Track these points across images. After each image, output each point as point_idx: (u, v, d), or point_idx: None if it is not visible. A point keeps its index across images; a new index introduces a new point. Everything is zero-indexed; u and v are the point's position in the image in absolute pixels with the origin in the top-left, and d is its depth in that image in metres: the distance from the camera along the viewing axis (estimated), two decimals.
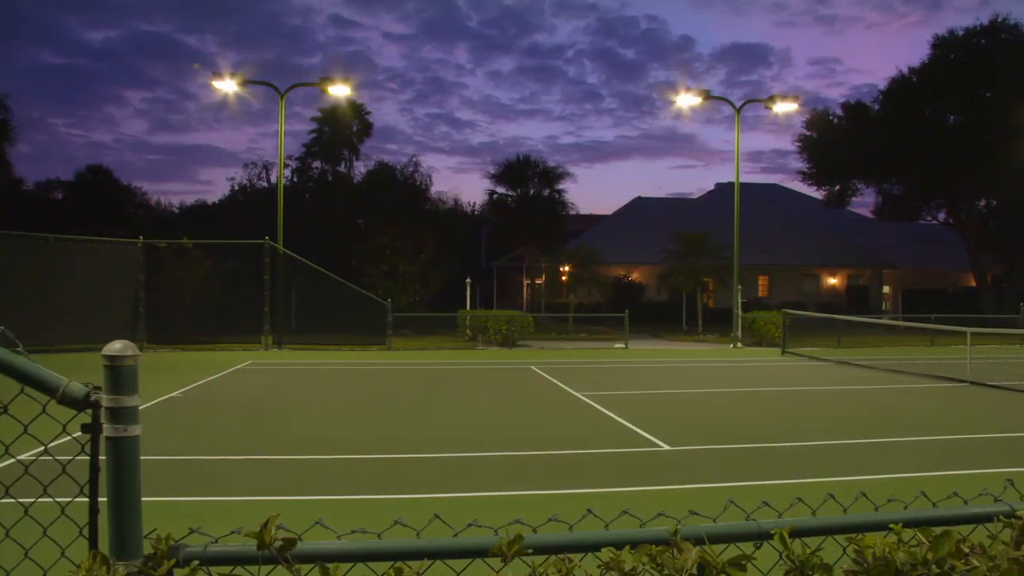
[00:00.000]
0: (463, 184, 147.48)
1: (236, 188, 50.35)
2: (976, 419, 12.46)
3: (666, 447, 9.74)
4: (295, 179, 48.95)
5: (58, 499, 2.00)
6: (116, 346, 1.78)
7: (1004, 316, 32.43)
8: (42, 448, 2.00)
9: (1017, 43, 40.25)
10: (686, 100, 30.06)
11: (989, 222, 47.77)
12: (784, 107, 29.68)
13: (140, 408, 1.80)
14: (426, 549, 1.87)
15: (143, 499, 1.83)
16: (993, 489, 2.43)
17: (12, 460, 2.21)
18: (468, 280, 34.44)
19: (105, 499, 1.79)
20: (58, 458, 1.96)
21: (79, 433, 1.86)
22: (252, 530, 1.74)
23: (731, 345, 28.44)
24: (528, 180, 49.37)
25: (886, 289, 54.22)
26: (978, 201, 46.11)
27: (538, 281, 49.12)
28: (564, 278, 40.66)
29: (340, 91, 28.04)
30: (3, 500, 2.02)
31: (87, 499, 1.83)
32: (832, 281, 52.80)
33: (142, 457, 1.83)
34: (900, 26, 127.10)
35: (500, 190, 50.18)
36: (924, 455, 9.54)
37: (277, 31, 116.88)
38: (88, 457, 1.82)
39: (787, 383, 17.30)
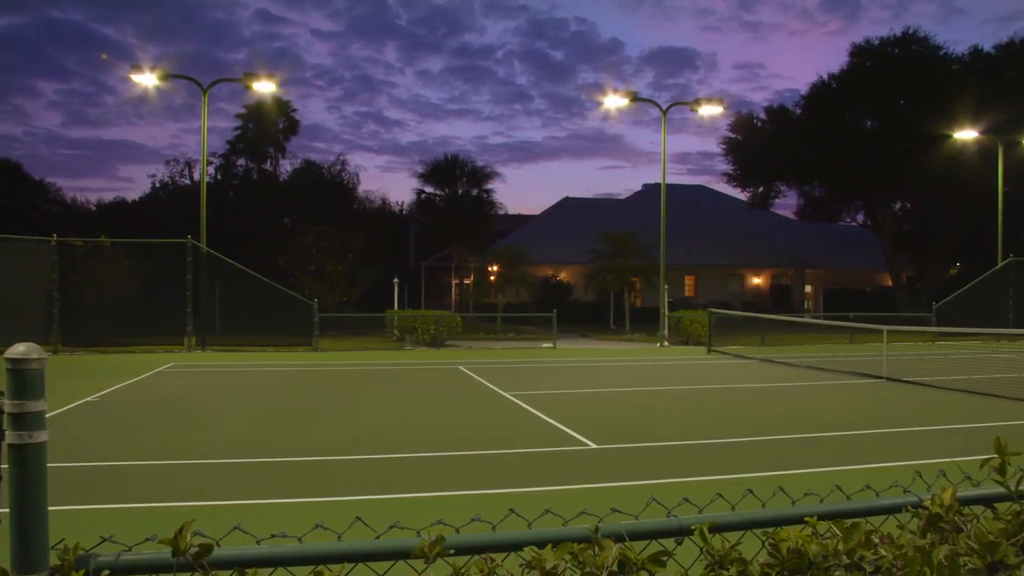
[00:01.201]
0: (392, 183, 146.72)
1: (157, 185, 49.04)
2: (891, 414, 12.89)
3: (593, 446, 9.82)
4: (219, 177, 47.91)
5: None
6: (20, 349, 1.71)
7: (918, 315, 33.64)
8: None
9: (927, 54, 41.90)
10: (614, 102, 30.38)
11: (904, 224, 49.60)
12: (709, 110, 30.24)
13: (52, 414, 1.74)
14: (347, 552, 1.84)
15: (53, 508, 1.76)
16: (904, 481, 2.51)
17: None
18: (396, 280, 34.19)
19: (7, 510, 1.71)
20: None
21: None
22: (167, 537, 1.69)
23: (658, 344, 28.86)
24: (457, 180, 49.38)
25: (808, 289, 55.74)
26: (893, 204, 47.83)
27: (466, 281, 49.07)
28: (492, 278, 40.70)
29: (265, 87, 27.51)
30: None
31: None
32: (756, 281, 54.04)
33: (54, 464, 1.76)
34: (820, 34, 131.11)
35: (428, 189, 50.10)
36: (842, 449, 9.83)
37: (201, 24, 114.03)
38: None
39: (712, 381, 17.63)
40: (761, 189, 48.54)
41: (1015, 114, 36.67)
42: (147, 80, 25.88)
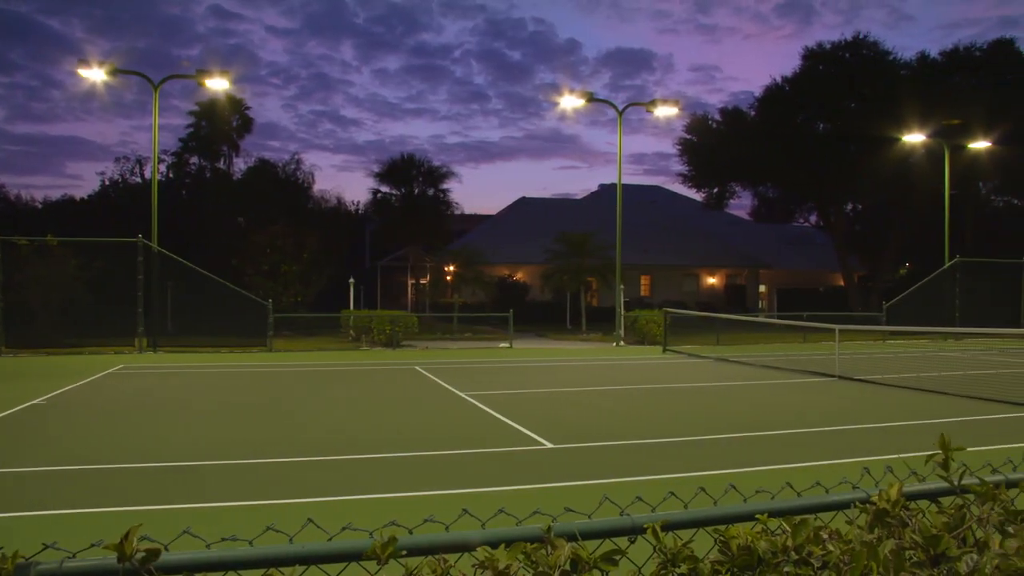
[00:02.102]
0: (348, 183, 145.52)
1: (107, 183, 48.07)
2: (842, 412, 13.12)
3: (548, 445, 9.85)
4: (171, 175, 47.13)
5: None
6: None
7: (869, 314, 34.29)
8: None
9: (876, 59, 42.77)
10: (570, 102, 30.49)
11: (855, 225, 50.58)
12: (665, 111, 30.49)
13: None
14: (298, 554, 1.82)
15: None
16: (852, 477, 2.55)
17: None
18: (352, 280, 33.98)
19: None
20: None
21: None
22: (112, 542, 1.66)
23: (614, 344, 29.03)
24: (413, 179, 49.19)
25: (762, 288, 56.50)
26: (845, 205, 48.72)
27: (422, 281, 48.93)
28: (449, 278, 40.61)
29: (218, 84, 27.07)
30: None
31: None
32: (711, 281, 54.63)
33: None
34: (775, 38, 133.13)
35: (385, 189, 49.84)
36: (793, 447, 9.98)
37: (152, 19, 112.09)
38: None
39: (668, 380, 17.79)
40: (716, 190, 49.11)
41: (960, 118, 37.60)
42: (95, 75, 25.25)
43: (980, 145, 36.85)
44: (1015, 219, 48.75)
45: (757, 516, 2.01)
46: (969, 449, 2.32)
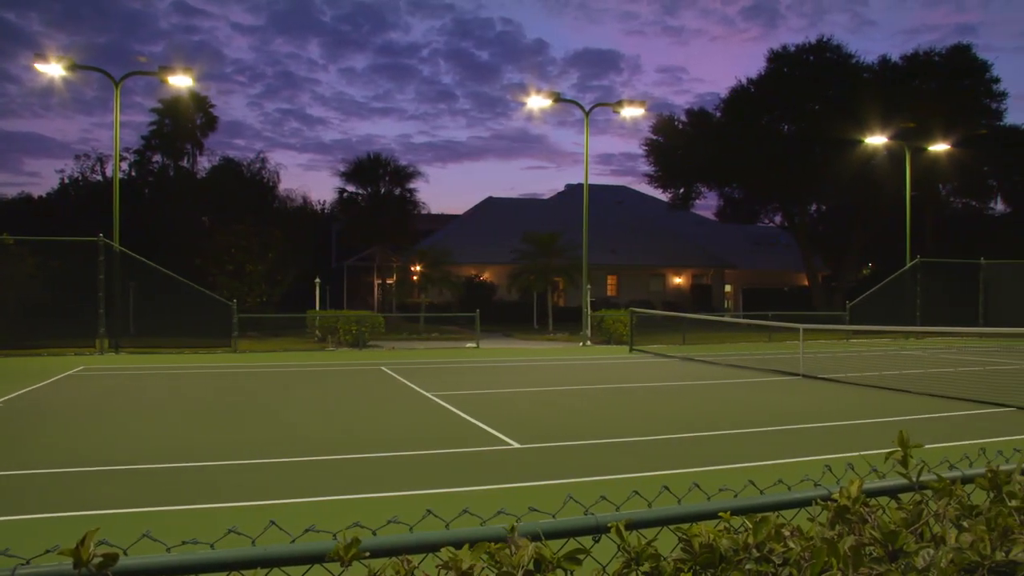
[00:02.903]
0: (314, 182, 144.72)
1: (67, 181, 47.17)
2: (806, 410, 13.28)
3: (515, 445, 9.85)
4: (133, 173, 46.39)
5: None
6: None
7: (833, 313, 34.70)
8: None
9: (839, 62, 43.35)
10: (538, 102, 30.53)
11: (819, 226, 51.21)
12: (631, 111, 30.63)
13: None
14: (260, 557, 1.80)
15: None
16: (815, 475, 2.58)
17: None
18: (317, 280, 33.75)
19: None
20: None
21: None
22: (68, 548, 1.62)
23: (581, 343, 29.12)
24: (380, 179, 48.90)
25: (728, 288, 56.98)
26: (809, 206, 49.28)
27: (389, 281, 48.70)
28: (415, 278, 40.48)
29: (182, 82, 26.70)
30: None
31: None
32: (677, 280, 54.97)
33: None
34: (741, 40, 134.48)
35: (351, 188, 49.52)
36: (758, 445, 10.08)
37: (114, 14, 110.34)
38: None
39: (633, 380, 17.88)
40: (682, 190, 49.40)
41: (920, 122, 38.24)
42: (53, 70, 24.72)
43: (939, 148, 37.53)
44: (973, 221, 49.69)
45: (720, 514, 2.02)
46: (927, 446, 2.36)
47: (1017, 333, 29.38)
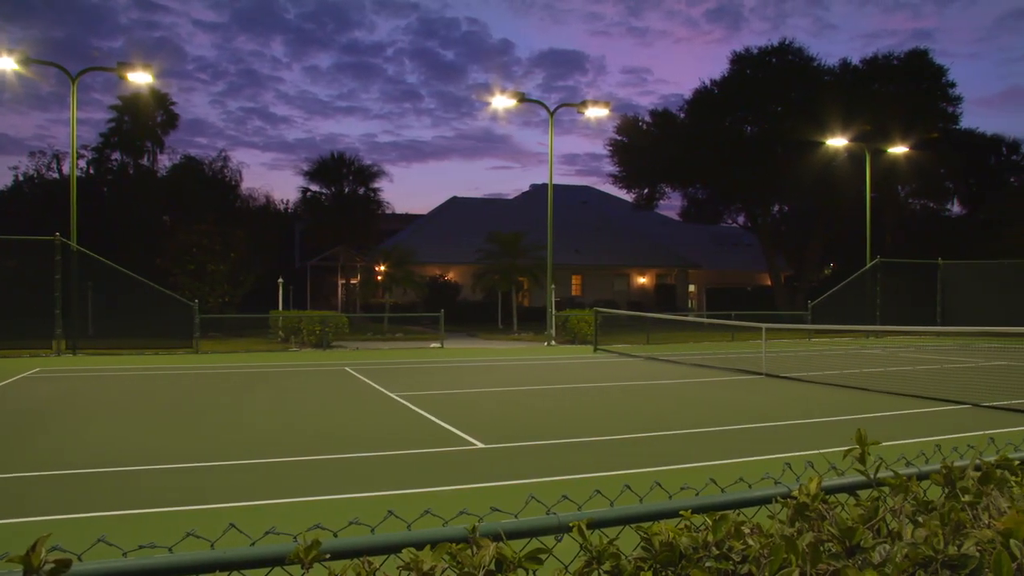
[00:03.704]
0: (278, 181, 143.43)
1: (21, 179, 46.27)
2: (768, 408, 13.42)
3: (479, 445, 9.84)
4: (92, 171, 45.66)
5: None
6: None
7: (795, 313, 35.13)
8: None
9: (801, 65, 43.92)
10: (502, 102, 30.54)
11: (781, 226, 51.77)
12: (596, 112, 30.76)
13: None
14: (219, 560, 1.78)
15: None
16: (775, 473, 2.61)
17: None
18: (281, 280, 33.47)
19: None
20: None
21: None
22: (18, 554, 1.59)
23: (545, 343, 29.18)
24: (343, 178, 48.63)
25: (691, 288, 57.46)
26: (772, 207, 49.81)
27: (353, 281, 48.48)
28: (379, 278, 40.29)
29: (141, 78, 26.27)
30: None
31: None
32: (641, 280, 55.31)
33: None
34: (704, 42, 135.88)
35: (315, 188, 49.20)
36: (720, 444, 10.17)
37: (71, 8, 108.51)
38: None
39: (597, 380, 17.94)
40: (646, 190, 49.67)
41: (879, 124, 38.88)
42: (5, 64, 24.09)
43: (898, 150, 38.18)
44: (931, 222, 50.58)
45: (681, 513, 2.03)
46: (885, 443, 2.39)
47: (973, 332, 30.00)
